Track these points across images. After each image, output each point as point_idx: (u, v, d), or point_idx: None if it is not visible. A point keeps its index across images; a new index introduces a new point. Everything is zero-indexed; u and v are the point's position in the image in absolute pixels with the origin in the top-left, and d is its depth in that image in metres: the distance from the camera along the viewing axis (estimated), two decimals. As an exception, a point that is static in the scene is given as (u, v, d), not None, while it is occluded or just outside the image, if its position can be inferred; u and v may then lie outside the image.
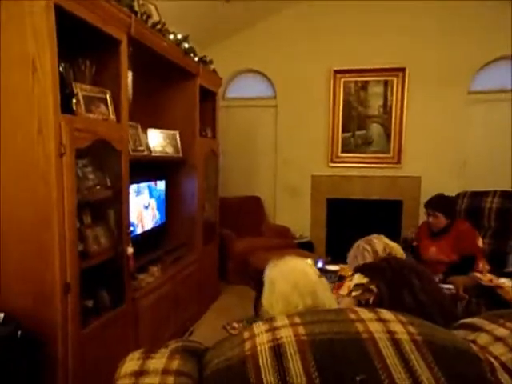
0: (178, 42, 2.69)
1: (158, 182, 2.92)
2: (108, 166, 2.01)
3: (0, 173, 1.59)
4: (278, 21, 4.39)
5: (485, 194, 3.59)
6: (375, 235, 1.78)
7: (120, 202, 2.04)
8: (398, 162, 4.30)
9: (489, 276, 1.99)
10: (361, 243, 1.75)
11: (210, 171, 3.45)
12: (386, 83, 4.24)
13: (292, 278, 1.02)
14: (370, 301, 1.43)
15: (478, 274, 2.04)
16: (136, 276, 2.28)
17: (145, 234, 2.66)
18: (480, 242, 2.69)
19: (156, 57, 2.51)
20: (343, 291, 1.55)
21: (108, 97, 1.99)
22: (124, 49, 2.02)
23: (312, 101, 4.43)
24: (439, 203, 2.76)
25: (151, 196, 2.79)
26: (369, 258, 1.71)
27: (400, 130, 4.24)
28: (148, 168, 2.76)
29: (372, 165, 4.35)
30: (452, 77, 4.11)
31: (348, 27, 4.24)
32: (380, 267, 1.56)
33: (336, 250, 4.15)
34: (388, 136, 4.29)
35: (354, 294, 1.48)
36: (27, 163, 1.57)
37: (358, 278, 1.51)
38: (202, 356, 0.77)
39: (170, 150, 2.90)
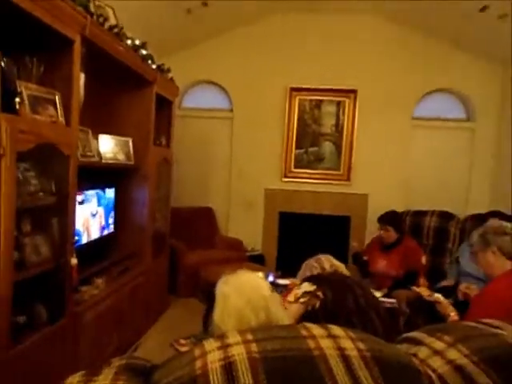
0: (136, 48, 2.63)
1: (107, 190, 2.80)
2: (54, 172, 1.89)
3: None
4: (238, 35, 4.46)
5: (424, 213, 3.84)
6: (323, 255, 1.91)
7: (65, 210, 1.93)
8: (348, 179, 4.48)
9: (426, 291, 2.12)
10: (309, 261, 1.88)
11: (162, 180, 3.37)
12: (338, 103, 4.43)
13: (245, 292, 1.01)
14: (317, 305, 1.55)
15: (417, 289, 2.17)
16: (79, 288, 2.14)
17: (91, 243, 2.53)
18: (424, 260, 2.90)
19: (111, 61, 2.43)
20: (290, 298, 1.64)
21: (57, 98, 1.89)
22: (77, 49, 1.94)
23: (268, 116, 4.51)
24: (391, 218, 3.00)
25: (99, 204, 2.66)
26: (316, 272, 1.84)
27: (350, 148, 4.43)
28: (97, 175, 2.64)
29: (323, 181, 4.49)
30: (398, 102, 4.39)
31: (306, 47, 4.39)
32: (326, 277, 1.73)
33: (286, 264, 4.21)
34: (339, 154, 4.46)
35: (302, 300, 1.59)
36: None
37: (307, 286, 1.63)
38: (149, 374, 0.73)
39: (121, 157, 2.80)
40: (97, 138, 2.60)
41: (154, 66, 2.94)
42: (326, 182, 4.49)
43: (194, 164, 4.62)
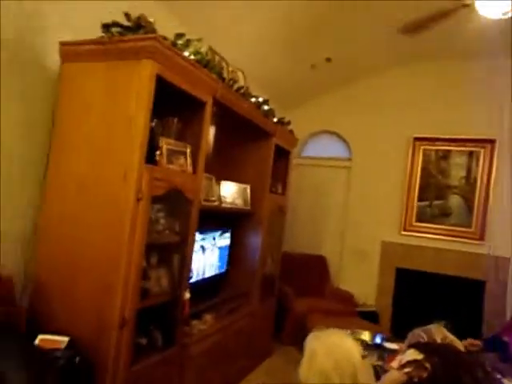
0: (259, 105, 2.90)
1: (224, 231, 3.04)
2: (179, 213, 2.16)
3: (85, 209, 1.82)
4: (360, 87, 4.52)
5: None
6: (434, 326, 1.70)
7: (185, 248, 2.16)
8: (481, 238, 3.93)
9: None
10: (417, 331, 1.70)
11: (275, 226, 3.50)
12: (470, 154, 4.02)
13: (334, 354, 0.98)
14: (423, 376, 1.39)
15: None
16: (189, 322, 2.33)
17: (205, 280, 2.75)
18: None
19: (237, 116, 2.73)
20: (394, 364, 1.51)
21: (188, 150, 2.19)
22: (208, 109, 2.24)
23: (388, 165, 4.36)
24: None
25: (216, 244, 2.90)
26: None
27: (485, 204, 3.93)
28: (217, 217, 2.90)
29: (449, 238, 4.04)
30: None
31: (432, 95, 4.19)
32: (437, 347, 1.52)
33: (402, 324, 3.81)
34: (470, 209, 3.99)
35: (406, 370, 1.43)
36: (110, 206, 1.76)
37: (413, 354, 1.47)
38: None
39: (239, 203, 3.04)
40: (219, 184, 2.89)
41: (274, 120, 3.18)
42: (453, 239, 4.03)
43: (309, 211, 4.69)
